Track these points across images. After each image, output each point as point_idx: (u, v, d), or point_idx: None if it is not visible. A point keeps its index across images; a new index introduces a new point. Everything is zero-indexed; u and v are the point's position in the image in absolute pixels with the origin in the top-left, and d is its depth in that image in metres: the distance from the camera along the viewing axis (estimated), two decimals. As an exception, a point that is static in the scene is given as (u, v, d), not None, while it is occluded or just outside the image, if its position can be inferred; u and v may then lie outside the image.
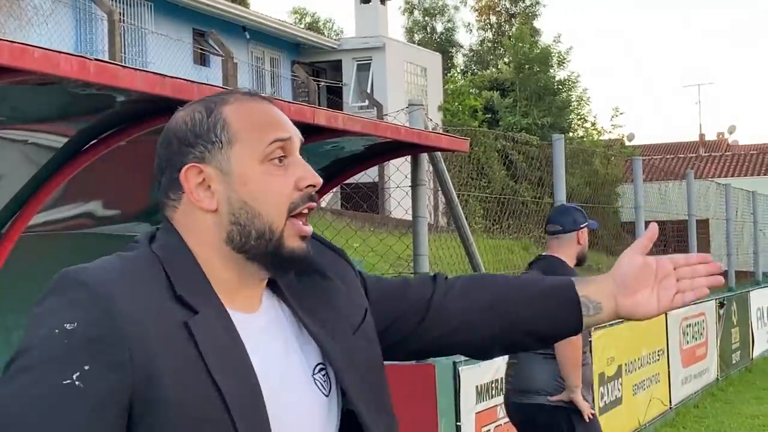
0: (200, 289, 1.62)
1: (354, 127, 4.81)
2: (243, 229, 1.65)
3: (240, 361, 1.60)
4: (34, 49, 2.99)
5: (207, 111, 1.68)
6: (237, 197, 1.66)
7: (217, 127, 1.67)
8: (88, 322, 1.50)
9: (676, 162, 33.73)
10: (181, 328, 1.56)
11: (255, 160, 1.67)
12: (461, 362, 6.11)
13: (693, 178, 13.33)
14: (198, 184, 1.66)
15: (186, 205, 1.67)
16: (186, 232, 1.66)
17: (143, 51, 19.22)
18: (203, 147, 1.66)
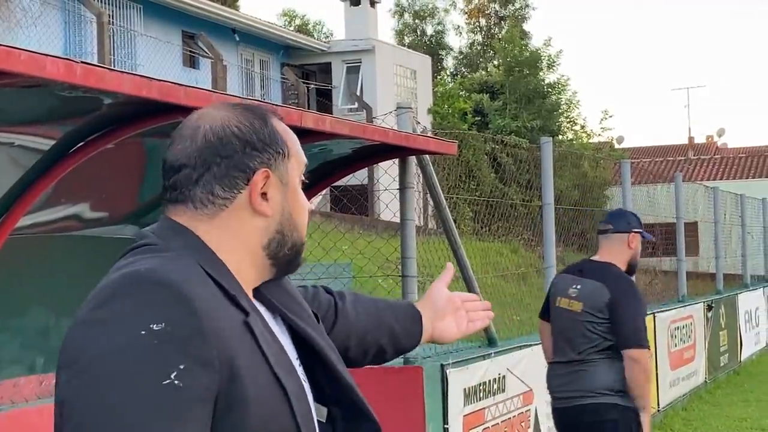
0: (239, 290, 1.67)
1: (342, 130, 4.81)
2: (283, 238, 1.74)
3: (285, 358, 1.69)
4: (20, 51, 2.99)
5: (262, 119, 1.74)
6: (288, 208, 1.74)
7: (277, 137, 1.74)
8: (176, 321, 1.52)
9: (665, 165, 33.81)
10: (243, 328, 1.62)
11: (298, 177, 1.78)
12: (449, 365, 6.12)
13: (681, 181, 13.37)
14: (261, 188, 1.72)
15: (238, 206, 1.70)
16: (224, 233, 1.69)
17: (132, 53, 19.19)
18: (270, 154, 1.72)
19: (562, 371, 5.39)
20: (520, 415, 7.12)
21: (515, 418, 7.03)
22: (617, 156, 26.88)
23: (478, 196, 14.32)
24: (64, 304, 4.87)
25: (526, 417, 7.22)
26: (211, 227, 1.69)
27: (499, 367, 6.82)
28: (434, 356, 6.40)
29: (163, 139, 4.62)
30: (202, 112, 1.77)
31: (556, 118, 30.19)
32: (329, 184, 6.21)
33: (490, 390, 6.66)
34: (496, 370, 6.76)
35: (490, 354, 6.78)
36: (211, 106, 1.78)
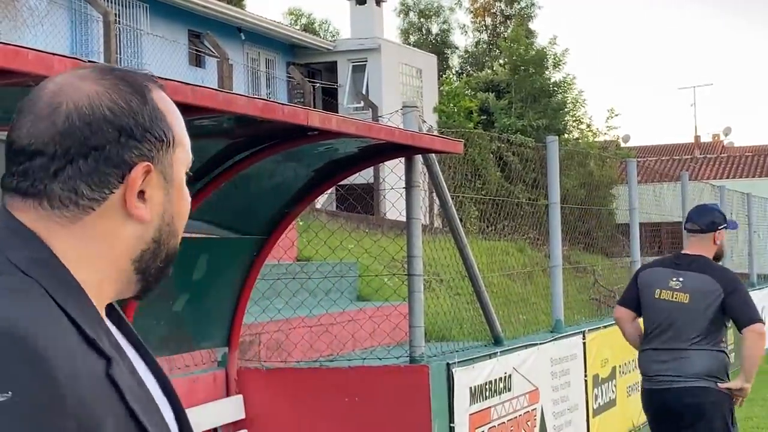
0: (97, 322, 1.33)
1: (348, 129, 4.82)
2: (159, 248, 1.40)
3: (155, 408, 1.38)
4: (27, 51, 3.00)
5: (140, 96, 1.37)
6: (170, 211, 1.40)
7: (159, 120, 1.37)
8: (26, 390, 1.18)
9: (671, 164, 33.76)
10: (105, 382, 1.29)
11: (184, 170, 1.43)
12: (455, 363, 6.12)
13: (687, 180, 13.35)
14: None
15: (108, 208, 1.34)
16: (88, 244, 1.34)
17: (139, 52, 19.21)
18: (152, 143, 1.36)
19: (667, 357, 5.84)
20: (526, 414, 7.12)
21: (521, 417, 7.03)
22: (623, 155, 26.85)
23: (484, 195, 14.31)
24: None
25: (532, 416, 7.22)
26: (70, 235, 1.33)
27: (505, 366, 6.82)
28: (440, 355, 6.40)
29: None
30: (62, 81, 1.36)
31: (562, 117, 30.14)
32: (335, 183, 6.23)
33: (496, 389, 6.66)
34: (502, 369, 6.76)
35: (496, 353, 6.78)
36: (73, 74, 1.38)
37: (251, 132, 4.95)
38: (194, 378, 5.89)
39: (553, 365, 7.68)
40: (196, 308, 5.79)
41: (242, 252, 5.98)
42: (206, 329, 5.98)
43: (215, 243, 5.89)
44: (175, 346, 5.89)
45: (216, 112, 3.99)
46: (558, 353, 7.80)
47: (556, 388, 7.70)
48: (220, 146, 5.04)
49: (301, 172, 5.86)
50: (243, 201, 5.77)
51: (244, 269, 6.02)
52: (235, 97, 4.05)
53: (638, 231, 10.69)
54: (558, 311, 8.31)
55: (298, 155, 5.52)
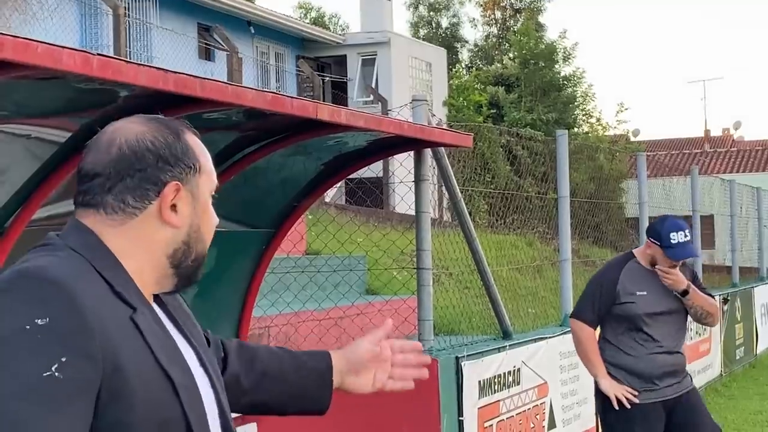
0: (130, 287, 1.77)
1: (357, 123, 4.82)
2: (188, 249, 1.83)
3: (175, 351, 1.79)
4: (37, 44, 3.00)
5: (174, 134, 1.82)
6: (196, 221, 1.84)
7: (189, 152, 1.83)
8: (59, 317, 1.61)
9: (681, 158, 33.68)
10: (129, 323, 1.71)
11: (209, 193, 1.88)
12: (464, 357, 6.12)
13: (697, 174, 13.32)
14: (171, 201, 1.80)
15: (147, 216, 1.79)
16: (133, 241, 1.78)
17: (148, 46, 19.22)
18: (182, 169, 1.81)
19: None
20: (534, 408, 7.11)
21: (530, 410, 7.03)
22: (633, 149, 26.80)
23: (493, 188, 14.30)
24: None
25: (540, 410, 7.22)
26: (119, 233, 1.78)
27: (514, 359, 6.82)
28: (449, 348, 6.40)
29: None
30: (118, 125, 1.83)
31: (572, 111, 30.11)
32: (344, 177, 6.22)
33: (504, 382, 6.65)
34: (510, 362, 6.76)
35: (505, 346, 6.78)
36: (127, 120, 1.85)
37: (260, 125, 4.95)
38: (203, 371, 5.90)
39: (561, 359, 7.67)
40: (204, 301, 5.79)
41: (251, 245, 5.98)
42: (215, 322, 5.98)
43: (224, 236, 5.87)
44: (185, 339, 5.89)
45: (225, 105, 3.99)
46: (567, 347, 7.78)
47: (565, 382, 7.69)
48: (229, 139, 5.04)
49: (310, 165, 5.86)
50: (252, 194, 5.77)
51: (253, 262, 6.02)
52: (244, 90, 4.05)
53: (647, 225, 10.66)
54: (567, 305, 8.30)
55: (308, 149, 5.52)
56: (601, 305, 5.51)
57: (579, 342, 5.60)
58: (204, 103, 3.86)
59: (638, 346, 5.46)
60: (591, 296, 5.58)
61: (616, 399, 5.39)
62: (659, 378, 5.45)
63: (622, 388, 5.41)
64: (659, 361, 5.44)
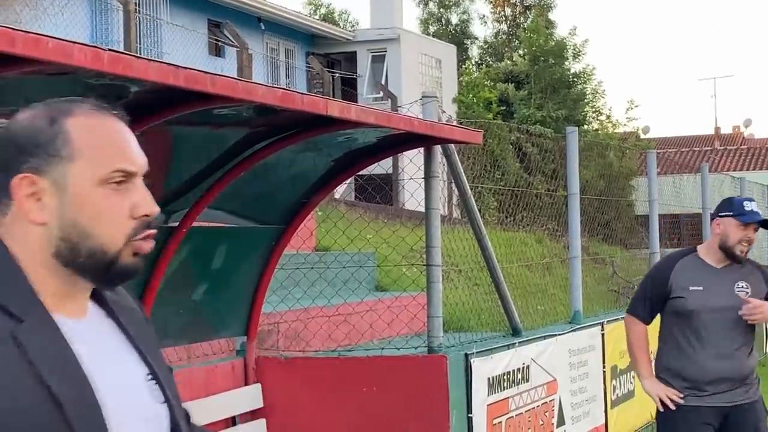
0: (24, 296, 1.61)
1: (367, 119, 4.82)
2: (73, 246, 1.63)
3: (71, 367, 1.59)
4: (48, 39, 3.00)
5: (49, 120, 1.64)
6: (69, 215, 1.63)
7: (57, 139, 1.63)
8: None
9: (691, 155, 33.60)
10: (9, 339, 1.54)
11: (93, 181, 1.64)
12: (473, 354, 6.12)
13: (708, 172, 13.29)
14: (29, 194, 1.62)
15: (15, 213, 1.63)
16: (11, 239, 1.63)
17: (158, 42, 19.23)
18: (41, 158, 1.62)
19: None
20: (543, 405, 7.11)
21: (539, 407, 7.02)
22: (643, 146, 26.74)
23: (502, 185, 14.27)
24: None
25: (549, 407, 7.21)
26: (6, 231, 1.64)
27: (524, 356, 6.81)
28: (458, 345, 6.40)
29: (190, 127, 4.64)
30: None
31: (582, 108, 30.03)
32: (354, 173, 6.23)
33: (514, 379, 6.65)
34: (520, 359, 6.75)
35: (515, 343, 6.77)
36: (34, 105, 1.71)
37: (270, 121, 4.95)
38: (213, 367, 5.91)
39: (571, 356, 7.66)
40: (215, 297, 5.81)
41: (261, 241, 5.99)
42: (225, 318, 5.99)
43: (234, 232, 5.90)
44: (194, 334, 5.91)
45: (235, 102, 3.99)
46: (576, 344, 7.79)
47: (575, 379, 7.68)
48: (239, 135, 5.04)
49: (320, 161, 5.86)
50: (262, 190, 5.77)
51: (263, 258, 6.03)
52: (255, 87, 4.05)
53: (657, 222, 10.65)
54: (577, 302, 8.29)
55: (318, 145, 5.52)
56: (653, 299, 5.25)
57: (627, 338, 5.42)
58: (215, 99, 3.86)
59: (688, 347, 5.14)
60: (642, 290, 5.36)
61: (660, 401, 5.18)
62: (709, 384, 5.10)
63: (664, 390, 5.16)
64: (709, 366, 5.09)
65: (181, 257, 5.35)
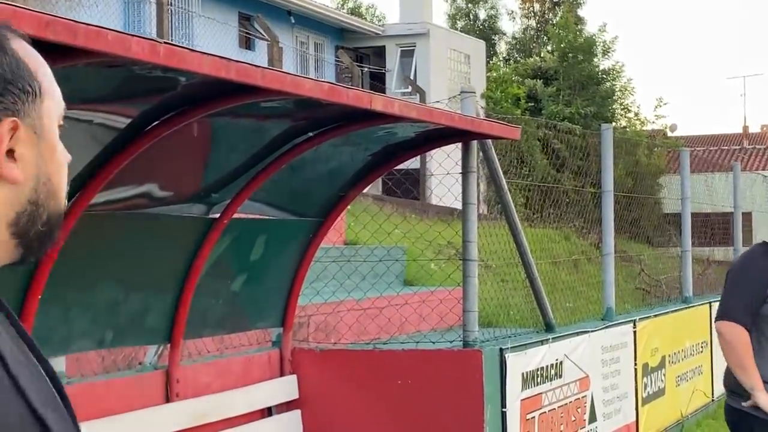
0: None
1: (410, 113, 4.85)
2: (37, 210, 1.27)
3: (45, 387, 1.28)
4: (108, 31, 3.05)
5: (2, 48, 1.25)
6: (45, 169, 1.28)
7: (23, 70, 1.26)
8: None
9: (719, 154, 33.43)
10: None
11: (56, 124, 1.31)
12: (508, 349, 6.14)
13: (739, 171, 13.24)
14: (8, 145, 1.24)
15: None
16: None
17: (190, 35, 19.32)
18: (16, 96, 1.24)
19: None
20: (576, 401, 7.12)
21: (571, 403, 7.04)
22: (672, 144, 26.63)
23: (530, 181, 14.27)
24: (132, 280, 4.96)
25: (582, 403, 7.23)
26: None
27: (557, 352, 6.83)
28: (493, 340, 6.43)
29: (233, 119, 4.69)
30: None
31: (610, 105, 29.94)
32: (392, 167, 6.26)
33: (547, 375, 6.67)
34: (553, 355, 6.77)
35: (548, 339, 6.79)
36: None
37: (312, 115, 4.99)
38: (249, 357, 5.97)
39: (603, 353, 7.67)
40: (253, 288, 5.86)
41: (298, 234, 6.04)
42: (262, 309, 6.04)
43: (273, 224, 5.95)
44: (232, 325, 5.96)
45: (284, 95, 4.03)
46: (609, 341, 7.80)
47: (606, 376, 7.70)
48: (281, 129, 5.08)
49: (357, 156, 5.89)
50: (300, 183, 5.82)
51: (300, 251, 6.07)
52: (303, 80, 4.10)
53: (689, 221, 10.63)
54: (609, 299, 8.30)
55: (357, 139, 5.56)
56: (754, 301, 4.60)
57: (730, 346, 4.63)
58: (264, 92, 3.91)
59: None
60: (740, 292, 4.66)
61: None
62: None
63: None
64: None
65: (221, 248, 5.41)
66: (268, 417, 5.94)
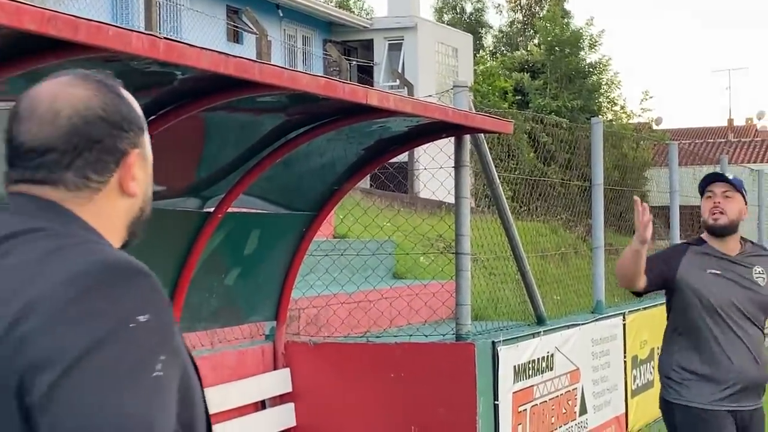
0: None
1: (405, 108, 4.87)
2: (142, 214, 1.72)
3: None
4: (108, 27, 3.06)
5: (116, 94, 1.67)
6: (148, 184, 1.73)
7: (134, 112, 1.69)
8: (157, 312, 1.51)
9: (705, 147, 33.56)
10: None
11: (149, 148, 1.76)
12: (500, 342, 6.18)
13: (727, 164, 13.31)
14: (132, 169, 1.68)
15: (110, 189, 1.65)
16: (91, 215, 1.64)
17: (178, 27, 19.28)
18: (134, 132, 1.68)
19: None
20: (567, 393, 7.17)
21: (562, 396, 7.09)
22: (658, 137, 26.73)
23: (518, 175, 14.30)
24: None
25: (573, 395, 7.27)
26: (88, 211, 1.64)
27: (548, 345, 6.87)
28: (485, 333, 6.46)
29: (228, 113, 4.70)
30: (55, 90, 1.65)
31: (597, 99, 30.03)
32: (385, 161, 6.29)
33: (538, 368, 6.71)
34: (545, 348, 6.81)
35: (540, 332, 6.83)
36: (60, 82, 1.66)
37: (306, 110, 5.01)
38: (243, 351, 5.99)
39: (594, 345, 7.72)
40: (246, 282, 5.88)
41: (292, 228, 6.06)
42: (256, 303, 6.06)
43: (266, 219, 5.97)
44: (226, 318, 5.98)
45: (280, 89, 4.05)
46: (599, 334, 7.84)
47: (597, 369, 7.74)
48: (275, 123, 5.09)
49: (351, 150, 5.91)
50: (294, 178, 5.84)
51: (294, 245, 6.09)
52: (299, 75, 4.11)
53: (678, 214, 10.69)
54: (599, 292, 8.34)
55: (350, 133, 5.58)
56: (658, 274, 4.74)
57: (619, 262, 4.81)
58: (261, 87, 3.92)
59: (703, 345, 4.72)
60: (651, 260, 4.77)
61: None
62: (730, 385, 4.68)
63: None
64: (736, 368, 4.68)
65: (215, 242, 5.42)
66: (261, 410, 5.97)
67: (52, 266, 1.50)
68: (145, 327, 1.48)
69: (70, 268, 1.49)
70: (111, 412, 1.40)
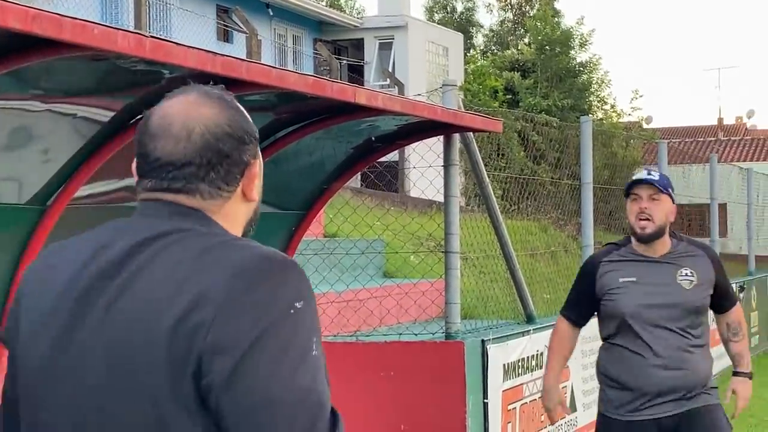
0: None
1: (393, 107, 4.87)
2: (255, 216, 1.92)
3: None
4: (94, 25, 3.06)
5: (239, 111, 1.86)
6: (261, 190, 1.91)
7: (252, 125, 1.88)
8: (309, 298, 1.71)
9: (694, 145, 33.64)
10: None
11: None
12: (489, 340, 6.18)
13: (716, 163, 13.34)
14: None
15: (236, 195, 1.85)
16: (226, 221, 1.84)
17: (167, 26, 19.25)
18: (253, 143, 1.87)
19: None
20: (556, 392, 7.16)
21: (552, 394, 7.08)
22: (648, 136, 26.78)
23: (508, 173, 14.32)
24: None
25: (562, 394, 7.27)
26: (220, 216, 1.83)
27: (538, 343, 6.88)
28: (474, 332, 6.46)
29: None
30: (184, 109, 1.83)
31: (587, 98, 30.07)
32: (373, 161, 6.28)
33: (528, 366, 6.72)
34: (534, 346, 6.82)
35: (529, 331, 6.84)
36: (188, 101, 1.84)
37: (295, 108, 5.00)
38: (232, 350, 5.97)
39: (582, 344, 7.71)
40: (235, 281, 5.85)
41: (281, 227, 6.05)
42: (245, 302, 6.04)
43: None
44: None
45: (268, 88, 4.05)
46: (588, 332, 7.83)
47: (586, 367, 7.75)
48: (263, 122, 5.09)
49: (340, 148, 5.91)
50: (283, 177, 5.82)
51: (283, 244, 6.08)
52: (287, 74, 4.10)
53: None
54: (589, 291, 8.33)
55: (339, 132, 5.57)
56: (582, 298, 4.77)
57: (552, 335, 5.02)
58: (249, 86, 3.92)
59: (627, 353, 4.58)
60: (573, 287, 4.87)
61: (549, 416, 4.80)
62: (654, 396, 4.53)
63: (555, 406, 4.84)
64: (654, 376, 4.51)
65: (204, 241, 5.40)
66: (251, 409, 5.95)
67: (213, 261, 1.70)
68: (302, 312, 1.68)
69: (234, 263, 1.69)
70: (289, 387, 1.62)
